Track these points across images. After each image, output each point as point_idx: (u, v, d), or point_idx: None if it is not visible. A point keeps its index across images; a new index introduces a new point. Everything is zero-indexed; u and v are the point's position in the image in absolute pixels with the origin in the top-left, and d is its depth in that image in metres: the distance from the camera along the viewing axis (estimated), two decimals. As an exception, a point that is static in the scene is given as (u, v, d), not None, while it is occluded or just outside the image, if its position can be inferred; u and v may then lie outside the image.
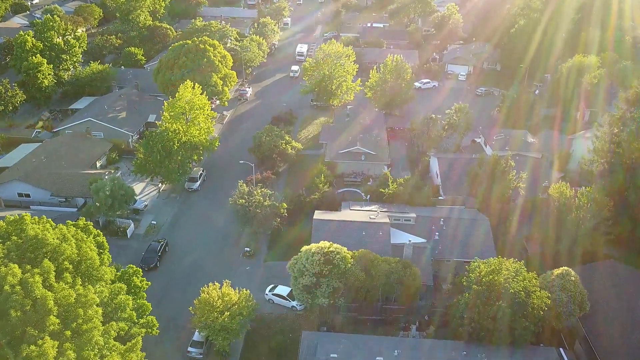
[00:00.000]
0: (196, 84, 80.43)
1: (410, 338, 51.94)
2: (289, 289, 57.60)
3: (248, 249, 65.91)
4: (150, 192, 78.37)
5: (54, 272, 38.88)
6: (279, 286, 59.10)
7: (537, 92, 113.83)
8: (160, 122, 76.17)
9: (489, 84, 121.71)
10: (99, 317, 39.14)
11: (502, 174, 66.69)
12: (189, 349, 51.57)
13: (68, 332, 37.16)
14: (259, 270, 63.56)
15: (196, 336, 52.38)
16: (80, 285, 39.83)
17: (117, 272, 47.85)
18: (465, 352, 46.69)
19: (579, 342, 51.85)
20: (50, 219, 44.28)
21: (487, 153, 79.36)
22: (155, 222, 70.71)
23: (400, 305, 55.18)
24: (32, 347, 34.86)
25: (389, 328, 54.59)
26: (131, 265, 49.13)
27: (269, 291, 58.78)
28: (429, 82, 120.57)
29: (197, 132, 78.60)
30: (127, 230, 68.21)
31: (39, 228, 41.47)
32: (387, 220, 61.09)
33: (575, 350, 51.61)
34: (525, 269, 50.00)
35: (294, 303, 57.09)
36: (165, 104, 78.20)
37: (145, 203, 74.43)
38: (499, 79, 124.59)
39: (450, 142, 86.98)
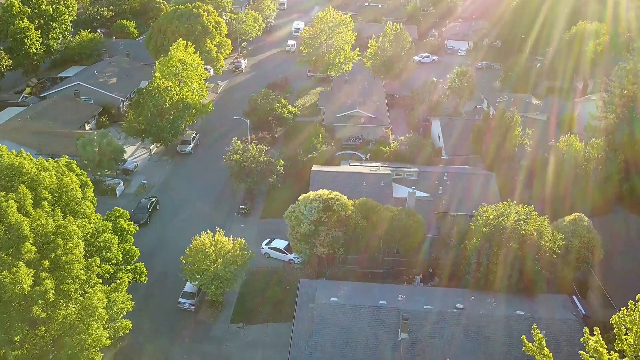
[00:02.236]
0: (189, 42, 77.32)
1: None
2: (286, 242, 54.77)
3: (243, 206, 62.94)
4: (142, 154, 75.30)
5: (30, 200, 35.91)
6: (276, 240, 56.22)
7: (539, 65, 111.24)
8: (151, 81, 73.05)
9: (489, 59, 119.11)
10: (80, 249, 36.15)
11: (508, 129, 64.01)
12: (180, 299, 48.64)
13: (46, 262, 34.20)
14: (255, 227, 60.62)
15: (188, 287, 49.45)
16: (61, 216, 36.86)
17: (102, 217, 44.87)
18: (473, 297, 43.87)
19: (592, 292, 49.15)
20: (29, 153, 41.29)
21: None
22: (145, 182, 67.66)
23: (403, 257, 52.35)
24: (5, 272, 31.89)
25: (392, 281, 51.73)
26: (117, 208, 46.10)
27: (265, 245, 55.85)
28: (428, 56, 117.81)
29: (190, 93, 75.60)
30: (116, 189, 65.14)
31: (15, 157, 38.45)
32: (389, 172, 58.26)
33: (588, 299, 48.92)
34: (536, 213, 47.20)
35: (292, 256, 54.22)
36: (157, 63, 75.21)
37: (136, 164, 71.36)
38: (499, 54, 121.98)
39: (452, 107, 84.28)
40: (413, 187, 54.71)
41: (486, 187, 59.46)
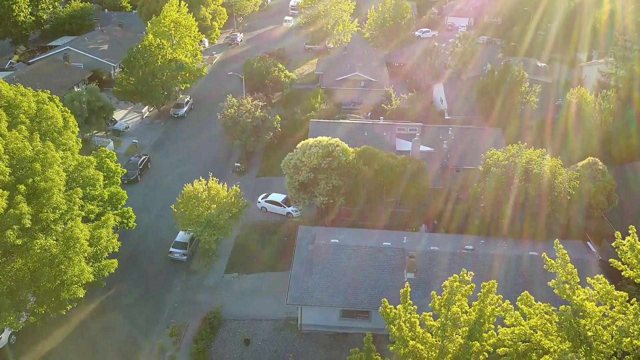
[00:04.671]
0: (182, 1, 74.53)
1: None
2: (284, 195, 52.07)
3: (238, 164, 60.19)
4: (133, 118, 72.48)
5: (6, 122, 33.13)
6: (273, 193, 53.50)
7: (541, 34, 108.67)
8: (142, 38, 70.16)
9: (490, 35, 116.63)
10: (60, 178, 33.34)
11: (514, 85, 61.42)
12: (171, 249, 45.84)
13: (22, 187, 31.35)
14: (251, 185, 57.80)
15: (179, 237, 46.70)
16: (40, 143, 34.04)
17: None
18: (483, 241, 41.22)
19: (606, 239, 46.55)
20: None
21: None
22: (137, 141, 64.80)
23: (407, 209, 49.64)
24: (-25, 191, 29.10)
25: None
26: (104, 148, 43.27)
27: (262, 199, 53.09)
28: (428, 31, 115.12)
29: (184, 55, 72.84)
30: (106, 148, 62.13)
31: (-9, 82, 35.70)
32: (391, 123, 55.59)
33: (603, 247, 46.29)
34: (549, 155, 44.57)
35: (290, 209, 51.51)
36: (149, 23, 72.40)
37: (127, 125, 68.53)
38: (500, 31, 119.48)
39: (455, 74, 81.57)
40: (417, 135, 52.01)
41: (493, 141, 56.75)
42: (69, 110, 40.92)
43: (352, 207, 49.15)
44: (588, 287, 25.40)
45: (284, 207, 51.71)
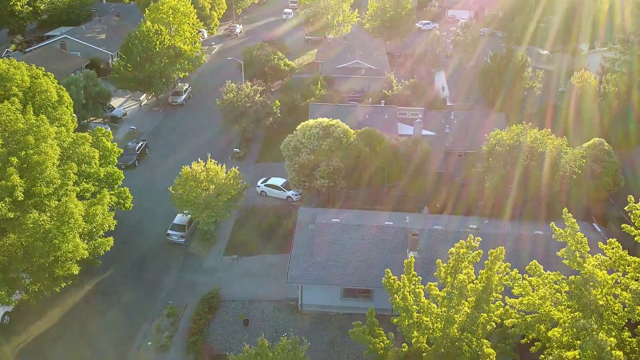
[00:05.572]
0: (181, -13, 73.76)
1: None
2: (284, 179, 51.22)
3: (237, 150, 59.33)
4: (131, 105, 71.60)
5: (-1, 94, 32.28)
6: (273, 177, 52.62)
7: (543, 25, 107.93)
8: (140, 24, 69.24)
9: (492, 28, 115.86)
10: (54, 152, 32.48)
11: (518, 70, 60.59)
12: (169, 231, 44.95)
13: (14, 159, 30.52)
14: (250, 170, 56.87)
15: (177, 219, 45.82)
16: (33, 116, 33.18)
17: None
18: (487, 221, 40.37)
19: (612, 222, 45.72)
20: None
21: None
22: (134, 127, 63.90)
23: (408, 192, 48.71)
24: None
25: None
26: (99, 128, 42.39)
27: (262, 183, 52.21)
28: (429, 23, 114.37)
29: (182, 43, 71.97)
30: (102, 127, 61.32)
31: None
32: (393, 106, 54.76)
33: (609, 229, 45.42)
34: (553, 135, 43.73)
35: (290, 193, 50.64)
36: (147, 10, 71.54)
37: (124, 111, 67.63)
38: (502, 23, 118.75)
39: (457, 62, 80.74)
40: (420, 116, 51.15)
41: (496, 126, 55.81)
42: (64, 89, 39.94)
43: (353, 190, 48.28)
44: (599, 254, 24.56)
45: (284, 191, 50.84)
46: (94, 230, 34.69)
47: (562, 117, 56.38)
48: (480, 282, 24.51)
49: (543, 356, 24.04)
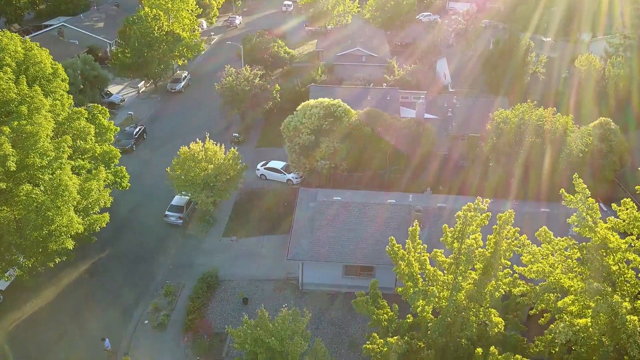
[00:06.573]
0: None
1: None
2: (284, 163, 50.35)
3: (236, 134, 58.43)
4: (129, 93, 70.71)
5: (-9, 63, 31.40)
6: (272, 160, 51.75)
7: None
8: (138, 9, 68.41)
9: (494, 20, 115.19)
10: (49, 123, 31.60)
11: (522, 55, 59.70)
12: (167, 212, 44.08)
13: (6, 129, 29.63)
14: (249, 155, 55.92)
15: (175, 200, 44.96)
16: (27, 86, 32.32)
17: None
18: (492, 200, 39.34)
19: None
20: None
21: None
22: (132, 113, 63.03)
23: (411, 174, 47.85)
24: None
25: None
26: (96, 105, 41.48)
27: (261, 166, 51.32)
28: (430, 15, 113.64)
29: (181, 30, 71.12)
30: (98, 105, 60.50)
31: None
32: (395, 88, 53.90)
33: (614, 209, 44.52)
34: (559, 114, 42.88)
35: (290, 176, 49.76)
36: (145, -3, 70.73)
37: (122, 97, 66.74)
38: (502, 15, 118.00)
39: (458, 51, 79.90)
40: (422, 97, 50.29)
41: (499, 109, 55.04)
42: (58, 63, 39.03)
43: (355, 173, 47.40)
44: (612, 217, 23.71)
45: (284, 174, 49.96)
46: (89, 205, 33.81)
47: (566, 101, 55.52)
48: (488, 248, 23.64)
49: (553, 325, 23.16)
